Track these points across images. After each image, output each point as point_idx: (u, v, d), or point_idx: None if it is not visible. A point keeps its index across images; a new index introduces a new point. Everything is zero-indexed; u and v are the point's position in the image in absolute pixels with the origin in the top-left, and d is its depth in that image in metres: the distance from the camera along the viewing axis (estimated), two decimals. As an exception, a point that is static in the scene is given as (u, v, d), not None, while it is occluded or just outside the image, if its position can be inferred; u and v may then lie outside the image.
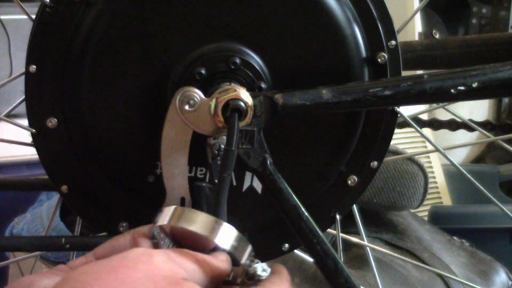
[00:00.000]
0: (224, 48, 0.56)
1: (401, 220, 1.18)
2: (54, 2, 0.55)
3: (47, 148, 0.59)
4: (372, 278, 0.86)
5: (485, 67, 0.54)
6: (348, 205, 0.64)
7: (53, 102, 0.57)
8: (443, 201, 1.60)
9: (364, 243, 0.68)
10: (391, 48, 0.59)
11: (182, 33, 0.56)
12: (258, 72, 0.56)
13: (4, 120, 0.62)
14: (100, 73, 0.57)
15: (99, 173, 0.60)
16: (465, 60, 0.70)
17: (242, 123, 0.53)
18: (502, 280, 1.09)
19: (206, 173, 0.60)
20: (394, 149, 1.16)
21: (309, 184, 0.62)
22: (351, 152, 0.62)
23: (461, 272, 1.07)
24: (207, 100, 0.53)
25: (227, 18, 0.56)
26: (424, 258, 1.06)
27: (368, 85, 0.55)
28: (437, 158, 1.61)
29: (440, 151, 0.69)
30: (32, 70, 0.56)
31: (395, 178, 1.16)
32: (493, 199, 0.70)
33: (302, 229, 0.56)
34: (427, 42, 0.72)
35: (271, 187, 0.56)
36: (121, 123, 0.59)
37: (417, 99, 0.55)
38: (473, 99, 0.57)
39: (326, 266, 0.57)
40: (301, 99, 0.54)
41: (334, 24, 0.57)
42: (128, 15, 0.56)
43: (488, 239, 1.33)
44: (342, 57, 0.58)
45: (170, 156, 0.55)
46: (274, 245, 0.64)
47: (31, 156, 1.34)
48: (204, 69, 0.56)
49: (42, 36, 0.56)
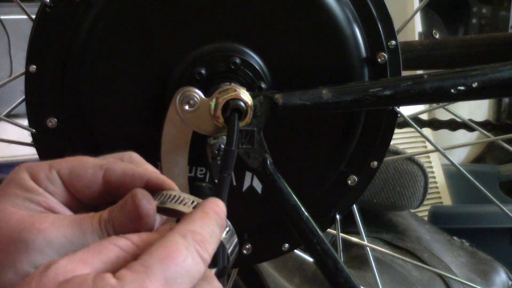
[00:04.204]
0: (224, 48, 0.56)
1: (401, 220, 1.18)
2: (54, 2, 0.55)
3: (47, 148, 0.59)
4: (372, 278, 0.86)
5: (485, 67, 0.54)
6: (348, 205, 0.64)
7: (53, 102, 0.57)
8: (443, 201, 1.60)
9: (364, 243, 0.68)
10: (391, 48, 0.59)
11: (182, 33, 0.56)
12: (258, 72, 0.56)
13: (4, 120, 0.62)
14: (100, 73, 0.57)
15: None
16: (465, 60, 0.70)
17: (242, 123, 0.53)
18: (502, 280, 1.09)
19: (206, 173, 0.60)
20: (394, 149, 1.16)
21: (309, 184, 0.62)
22: (351, 152, 0.62)
23: (461, 272, 1.07)
24: (207, 100, 0.53)
25: (227, 18, 0.56)
26: (424, 258, 1.06)
27: (368, 85, 0.55)
28: (437, 158, 1.61)
29: (440, 151, 0.69)
30: (32, 70, 0.56)
31: (395, 178, 1.17)
32: (493, 199, 0.70)
33: (302, 229, 0.56)
34: (427, 42, 0.72)
35: (271, 187, 0.56)
36: (121, 123, 0.59)
37: (417, 99, 0.55)
38: (473, 99, 0.57)
39: (326, 266, 0.57)
40: (301, 99, 0.54)
41: (334, 24, 0.57)
42: (128, 15, 0.56)
43: (488, 239, 1.33)
44: (342, 57, 0.58)
45: (170, 156, 0.55)
46: (274, 245, 0.64)
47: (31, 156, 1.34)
48: (204, 69, 0.56)
49: (42, 36, 0.56)
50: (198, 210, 0.36)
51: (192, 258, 0.33)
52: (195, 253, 0.33)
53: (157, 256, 0.32)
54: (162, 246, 0.32)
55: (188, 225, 0.34)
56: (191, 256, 0.32)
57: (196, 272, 0.33)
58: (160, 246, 0.32)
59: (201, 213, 0.36)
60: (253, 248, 0.64)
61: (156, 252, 0.32)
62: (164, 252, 0.32)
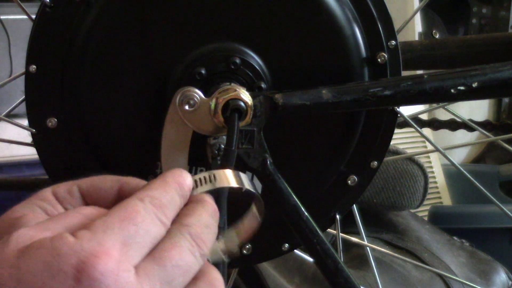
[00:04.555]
0: (224, 48, 0.56)
1: (401, 220, 1.18)
2: (54, 2, 0.55)
3: (47, 148, 0.59)
4: (372, 278, 0.86)
5: (485, 67, 0.54)
6: (348, 205, 0.64)
7: (53, 102, 0.57)
8: (443, 201, 1.60)
9: (364, 243, 0.68)
10: (391, 48, 0.59)
11: (182, 33, 0.56)
12: (258, 72, 0.56)
13: (4, 120, 0.62)
14: (100, 73, 0.57)
15: (99, 173, 0.60)
16: (465, 60, 0.70)
17: (242, 123, 0.53)
18: (502, 280, 1.09)
19: (206, 173, 0.60)
20: (394, 149, 1.16)
21: (309, 184, 0.62)
22: (351, 152, 0.62)
23: (461, 272, 1.07)
24: (207, 100, 0.53)
25: (227, 18, 0.56)
26: (424, 258, 1.06)
27: (368, 85, 0.55)
28: (437, 158, 1.61)
29: (440, 151, 0.69)
30: (32, 70, 0.56)
31: (395, 178, 1.17)
32: (493, 199, 0.70)
33: (302, 229, 0.56)
34: (427, 42, 0.72)
35: (271, 187, 0.56)
36: (121, 123, 0.59)
37: (417, 99, 0.55)
38: (473, 99, 0.57)
39: (326, 266, 0.57)
40: (301, 99, 0.54)
41: (334, 24, 0.57)
42: (128, 15, 0.56)
43: (488, 239, 1.33)
44: (342, 57, 0.58)
45: (170, 156, 0.55)
46: (274, 245, 0.64)
47: (31, 156, 1.34)
48: (204, 69, 0.56)
49: (42, 36, 0.56)
50: (158, 179, 0.37)
51: (150, 219, 0.33)
52: (153, 215, 0.33)
53: (116, 216, 0.32)
54: (121, 208, 0.33)
55: (146, 191, 0.35)
56: (149, 217, 0.33)
57: (156, 233, 0.33)
58: (119, 208, 0.33)
59: (161, 182, 0.36)
60: (253, 248, 0.64)
61: (115, 213, 0.33)
62: (123, 213, 0.32)
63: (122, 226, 0.32)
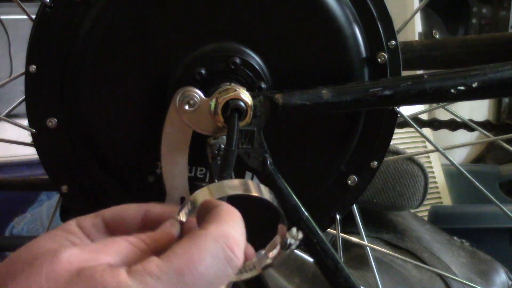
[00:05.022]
0: (224, 48, 0.56)
1: (401, 220, 1.18)
2: (54, 2, 0.55)
3: (47, 148, 0.59)
4: (372, 278, 0.86)
5: (485, 67, 0.54)
6: (348, 205, 0.64)
7: (53, 102, 0.57)
8: (443, 201, 1.60)
9: (364, 243, 0.68)
10: (391, 48, 0.59)
11: (182, 33, 0.56)
12: (258, 72, 0.56)
13: (4, 120, 0.62)
14: (100, 73, 0.57)
15: (99, 173, 0.60)
16: (465, 60, 0.70)
17: (242, 123, 0.53)
18: (502, 280, 1.09)
19: (206, 173, 0.60)
20: (394, 149, 1.16)
21: (309, 184, 0.62)
22: (351, 152, 0.62)
23: (461, 272, 1.07)
24: (207, 100, 0.53)
25: (227, 18, 0.56)
26: (424, 258, 1.06)
27: (368, 85, 0.55)
28: (437, 158, 1.61)
29: (440, 151, 0.69)
30: (32, 70, 0.56)
31: (395, 178, 1.16)
32: (493, 199, 0.70)
33: (302, 229, 0.56)
34: (427, 42, 0.72)
35: (271, 187, 0.56)
36: (121, 123, 0.59)
37: (417, 99, 0.55)
38: (473, 99, 0.57)
39: (326, 266, 0.57)
40: (301, 99, 0.54)
41: (334, 24, 0.57)
42: (128, 15, 0.56)
43: (488, 239, 1.33)
44: (342, 57, 0.58)
45: (170, 156, 0.55)
46: (274, 245, 0.64)
47: (31, 156, 1.34)
48: (204, 69, 0.56)
49: (42, 36, 0.56)
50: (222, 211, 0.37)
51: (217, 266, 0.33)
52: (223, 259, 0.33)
53: (178, 261, 0.32)
54: (186, 250, 0.32)
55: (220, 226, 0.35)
56: (216, 264, 0.33)
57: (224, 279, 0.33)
58: (179, 255, 0.32)
59: (228, 213, 0.37)
60: (253, 248, 0.64)
61: (173, 259, 0.32)
62: (186, 257, 0.32)
63: (180, 275, 0.31)
